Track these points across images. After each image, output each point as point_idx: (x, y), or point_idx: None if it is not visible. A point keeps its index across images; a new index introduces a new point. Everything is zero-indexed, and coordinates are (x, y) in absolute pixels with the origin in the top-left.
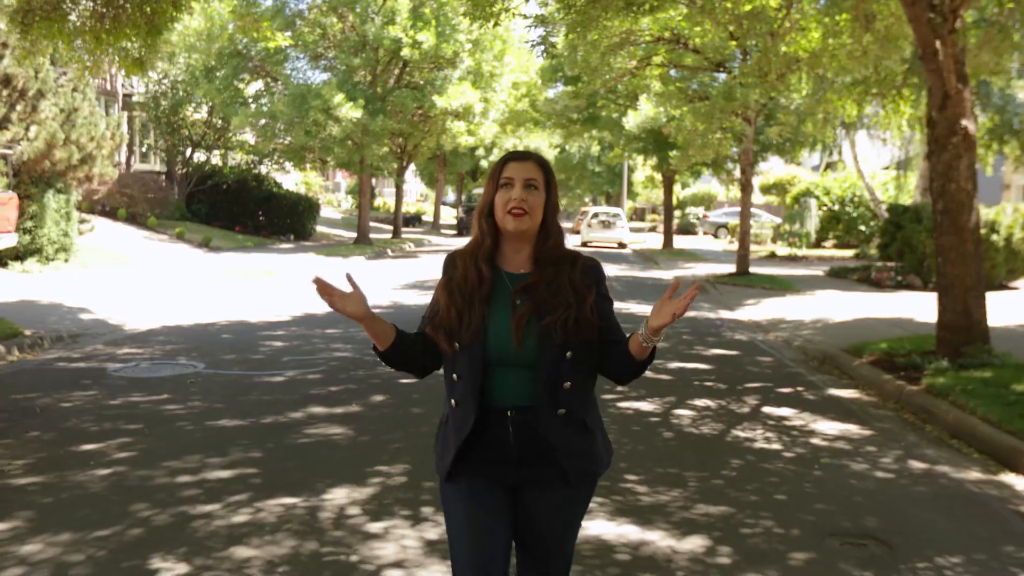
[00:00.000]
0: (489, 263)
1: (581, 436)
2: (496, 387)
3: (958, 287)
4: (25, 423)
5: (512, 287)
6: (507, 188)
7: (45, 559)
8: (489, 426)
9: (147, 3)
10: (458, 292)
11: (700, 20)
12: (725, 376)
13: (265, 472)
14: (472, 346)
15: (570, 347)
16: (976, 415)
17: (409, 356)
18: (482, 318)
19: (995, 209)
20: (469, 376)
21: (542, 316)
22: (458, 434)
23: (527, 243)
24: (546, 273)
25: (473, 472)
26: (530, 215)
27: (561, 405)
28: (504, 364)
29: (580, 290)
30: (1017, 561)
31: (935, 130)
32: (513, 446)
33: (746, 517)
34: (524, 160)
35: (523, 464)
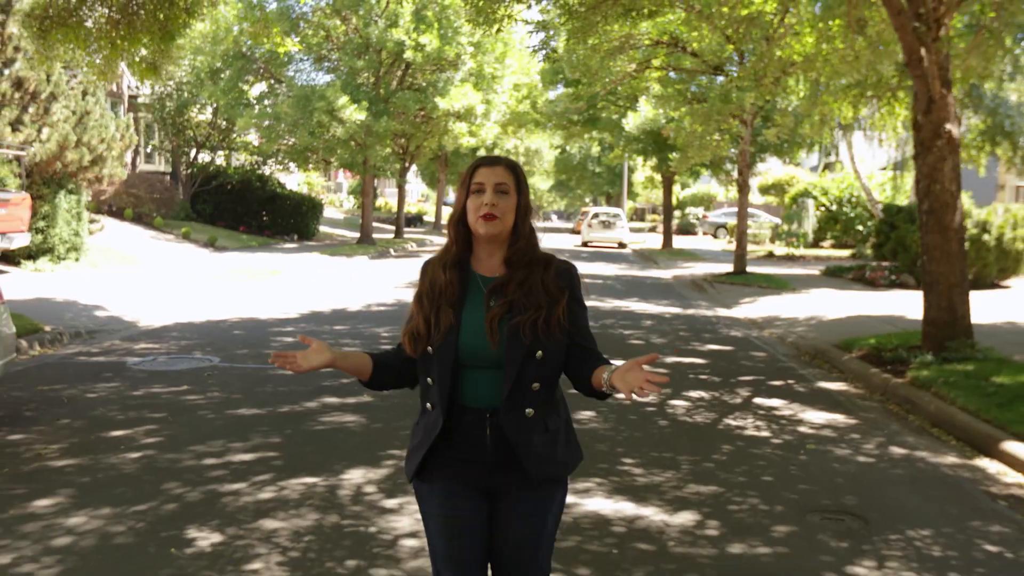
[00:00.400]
0: (459, 267)
1: (544, 438)
2: (471, 389)
3: (943, 284)
4: (54, 412)
5: (484, 288)
6: (478, 194)
7: (90, 530)
8: (465, 427)
9: (161, 10)
10: (427, 299)
11: (698, 25)
12: (719, 369)
13: (285, 455)
14: (443, 349)
15: (539, 347)
16: (956, 405)
17: (394, 375)
18: (452, 321)
19: (986, 209)
20: (442, 379)
21: (513, 315)
22: (427, 435)
23: (499, 247)
24: (518, 274)
25: (450, 474)
26: (501, 219)
27: (529, 405)
28: (478, 366)
29: (552, 292)
30: (981, 534)
31: (920, 133)
32: (489, 448)
33: (734, 495)
34: (494, 165)
35: (498, 468)
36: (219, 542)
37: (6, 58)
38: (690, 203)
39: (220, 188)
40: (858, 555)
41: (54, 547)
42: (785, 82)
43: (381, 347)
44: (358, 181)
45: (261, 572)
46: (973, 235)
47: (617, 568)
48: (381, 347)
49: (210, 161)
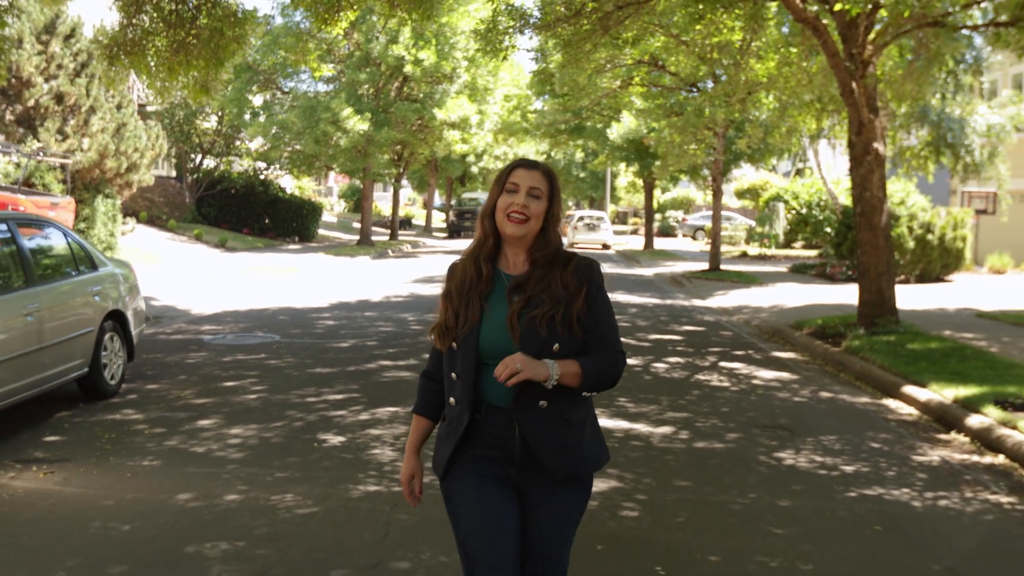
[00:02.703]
0: (490, 262)
1: (563, 431)
2: (495, 385)
3: (872, 272)
4: (170, 371)
5: (508, 284)
6: (511, 193)
7: (249, 435)
8: (491, 425)
9: (213, 39)
10: (456, 293)
11: (675, 48)
12: (693, 343)
13: (366, 396)
14: (467, 343)
15: (556, 341)
16: (874, 364)
17: (442, 405)
18: (477, 315)
19: (930, 213)
20: (466, 374)
21: (530, 310)
22: (453, 431)
23: (525, 248)
24: (538, 272)
25: (479, 470)
26: (529, 221)
27: (543, 397)
28: (499, 360)
29: (570, 287)
30: (870, 438)
31: (854, 150)
32: (517, 445)
33: (699, 419)
34: (532, 169)
35: (526, 465)
36: (344, 441)
37: (48, 75)
38: (670, 207)
39: (224, 192)
40: (783, 449)
41: (231, 444)
42: (755, 97)
43: (410, 329)
44: (348, 185)
45: (379, 455)
46: (919, 235)
47: (618, 455)
48: (410, 329)
49: (215, 167)
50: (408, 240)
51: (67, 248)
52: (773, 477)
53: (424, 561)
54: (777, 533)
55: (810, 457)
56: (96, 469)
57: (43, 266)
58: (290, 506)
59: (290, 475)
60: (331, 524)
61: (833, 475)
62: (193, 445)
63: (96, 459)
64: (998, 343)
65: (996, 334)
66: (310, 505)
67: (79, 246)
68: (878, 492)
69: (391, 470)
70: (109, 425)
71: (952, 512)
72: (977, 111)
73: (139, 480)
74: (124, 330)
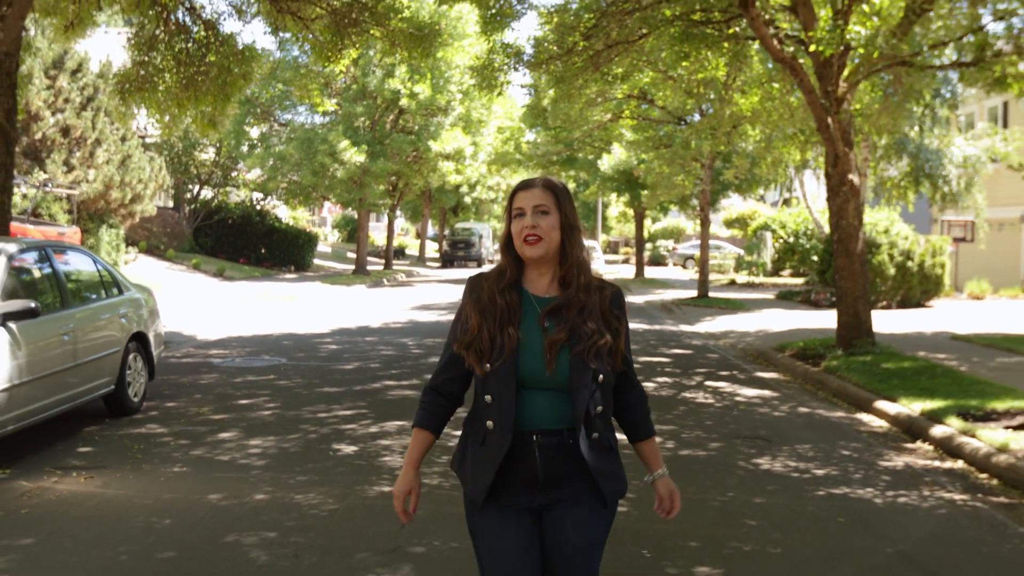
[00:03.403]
0: (516, 289)
1: (609, 458)
2: (523, 410)
3: (850, 296)
4: (185, 390)
5: (540, 309)
6: (519, 217)
7: (268, 446)
8: (515, 450)
9: (221, 76)
10: (489, 315)
11: (663, 84)
12: (681, 364)
13: (374, 412)
14: (505, 369)
15: (602, 372)
16: (850, 382)
17: (445, 419)
18: (515, 343)
19: (910, 240)
20: (504, 398)
21: (574, 342)
22: (494, 457)
23: (549, 266)
24: (575, 298)
25: (501, 498)
26: (545, 239)
27: (595, 429)
28: (533, 387)
29: (610, 319)
30: (842, 447)
31: (831, 181)
32: (540, 470)
33: (684, 431)
34: (530, 188)
35: (548, 486)
36: (356, 450)
37: (56, 108)
38: (661, 236)
39: (221, 222)
40: (760, 456)
41: (252, 453)
42: (742, 129)
43: (411, 353)
44: (342, 216)
45: (389, 462)
46: (899, 262)
47: None
48: (411, 353)
49: (213, 197)
50: (402, 269)
51: (96, 273)
52: (750, 479)
53: (437, 547)
54: (751, 524)
55: (784, 462)
56: (131, 475)
57: (75, 289)
58: (313, 503)
59: (310, 479)
60: (352, 518)
61: (804, 477)
62: (217, 454)
63: (130, 466)
64: (968, 363)
65: (967, 355)
66: (331, 503)
67: (106, 271)
68: (844, 491)
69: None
70: (136, 438)
71: (909, 507)
72: (954, 143)
73: (172, 483)
74: (146, 351)
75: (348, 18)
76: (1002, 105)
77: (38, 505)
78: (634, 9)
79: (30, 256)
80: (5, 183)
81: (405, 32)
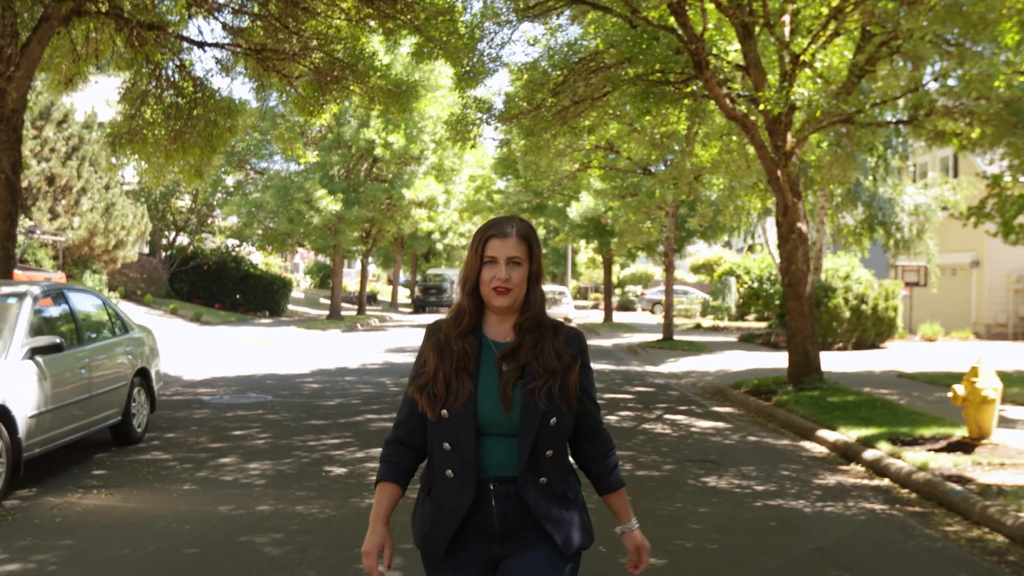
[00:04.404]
0: (475, 335)
1: (563, 505)
2: (481, 457)
3: (799, 336)
4: (181, 424)
5: (496, 353)
6: (491, 265)
7: (266, 468)
8: (480, 498)
9: (208, 128)
10: (447, 358)
11: (628, 136)
12: (643, 400)
13: (359, 441)
14: (462, 415)
15: (554, 414)
16: (797, 414)
17: (411, 472)
18: (471, 389)
19: (864, 285)
20: (464, 445)
21: (526, 380)
22: (456, 507)
23: (511, 314)
24: (528, 339)
25: (457, 551)
26: (514, 291)
27: (543, 474)
28: (491, 433)
29: (564, 359)
30: (783, 468)
31: (780, 229)
32: (496, 520)
33: (642, 455)
34: (506, 237)
35: (506, 539)
36: (346, 472)
37: (41, 157)
38: (629, 281)
39: (197, 268)
40: (708, 476)
41: (252, 474)
42: (705, 178)
43: (390, 391)
44: (314, 262)
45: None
46: (854, 306)
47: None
48: (390, 391)
49: (189, 243)
50: (375, 315)
51: (105, 313)
52: (697, 493)
53: None
54: (694, 528)
55: (729, 481)
56: (147, 492)
57: (88, 327)
58: (313, 512)
59: (307, 494)
60: (349, 523)
61: (745, 492)
62: (221, 475)
63: (143, 485)
64: (908, 397)
65: (908, 390)
66: (329, 511)
67: (114, 311)
68: (779, 503)
69: None
70: (144, 463)
71: (834, 515)
72: (906, 191)
73: (184, 499)
74: (148, 385)
75: (330, 75)
76: (952, 156)
77: (69, 516)
78: (599, 68)
79: (50, 297)
80: (10, 231)
81: (383, 89)
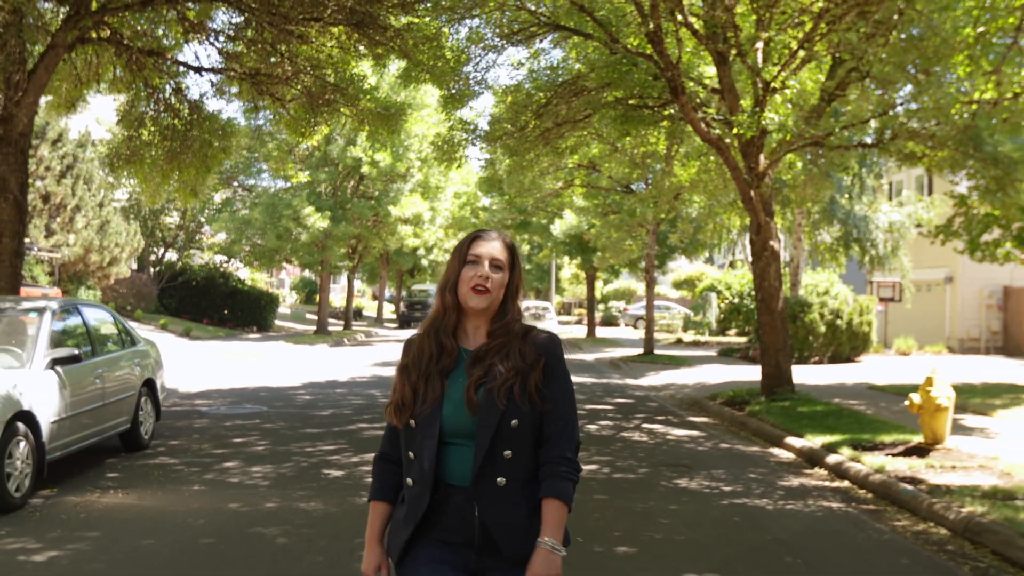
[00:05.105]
0: (451, 336)
1: (521, 512)
2: (456, 465)
3: (772, 349)
4: (184, 433)
5: (467, 360)
6: (473, 265)
7: (268, 471)
8: (451, 507)
9: (203, 149)
10: (414, 369)
11: (610, 156)
12: (622, 411)
13: (353, 447)
14: (428, 421)
15: (515, 415)
16: (768, 423)
17: (400, 488)
18: (439, 392)
19: (839, 300)
20: (424, 453)
21: (488, 380)
22: (412, 514)
23: (485, 322)
24: (496, 343)
25: (436, 558)
26: (492, 293)
27: (501, 474)
28: (460, 438)
29: (528, 358)
30: (751, 471)
31: (754, 247)
32: (477, 529)
33: (619, 460)
34: (492, 240)
35: (486, 550)
36: (344, 474)
37: (36, 176)
38: (613, 297)
39: (186, 284)
40: (680, 478)
41: (255, 476)
42: (686, 196)
43: (379, 402)
44: (300, 278)
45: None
46: (829, 320)
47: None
48: (379, 402)
49: (177, 259)
50: (361, 330)
51: (115, 326)
52: (668, 493)
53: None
54: (664, 522)
55: (700, 482)
56: (159, 492)
57: (100, 340)
58: (316, 509)
59: (309, 493)
60: (349, 517)
61: (714, 492)
62: (227, 477)
63: (156, 486)
64: (874, 407)
65: (876, 401)
66: (330, 508)
67: (122, 325)
68: (744, 501)
69: None
70: (153, 467)
71: (793, 512)
72: (880, 209)
73: (196, 497)
74: (154, 395)
75: (321, 98)
76: (927, 174)
77: (91, 512)
78: (580, 91)
79: (66, 311)
80: (18, 248)
81: (373, 111)
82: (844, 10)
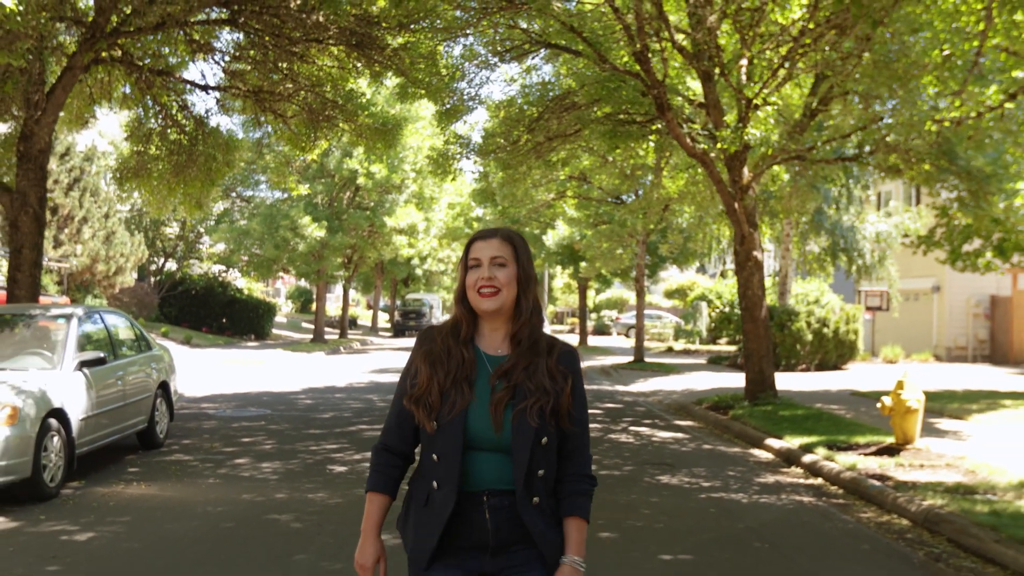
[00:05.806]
0: (469, 345)
1: (550, 525)
2: (472, 471)
3: (755, 356)
4: (195, 433)
5: (491, 369)
6: (475, 268)
7: (277, 467)
8: (465, 511)
9: (208, 163)
10: (441, 368)
11: (600, 168)
12: (611, 415)
13: (355, 446)
14: (452, 427)
15: (545, 434)
16: (750, 426)
17: (399, 480)
18: (466, 402)
19: (826, 309)
20: (450, 458)
21: (517, 400)
22: (438, 518)
23: (503, 322)
24: (523, 357)
25: (449, 562)
26: (502, 292)
27: (535, 493)
28: (481, 448)
29: (557, 378)
30: (731, 469)
31: (738, 258)
32: (490, 532)
33: (605, 459)
34: (489, 238)
35: (500, 550)
36: (347, 470)
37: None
38: (605, 306)
39: (186, 293)
40: (663, 475)
41: (265, 471)
42: (676, 206)
43: (378, 406)
44: (295, 287)
45: None
46: (816, 329)
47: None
48: (378, 406)
49: (177, 269)
50: (357, 338)
51: (132, 331)
52: (650, 488)
53: None
54: (645, 513)
55: (681, 479)
56: (178, 484)
57: (120, 344)
58: (324, 499)
59: (316, 486)
60: (356, 506)
61: (693, 487)
62: (239, 472)
63: (174, 479)
64: (854, 411)
65: (856, 406)
66: (338, 498)
67: (139, 331)
68: (721, 495)
69: None
70: (170, 463)
71: (767, 504)
72: (867, 220)
73: (212, 489)
74: (168, 397)
75: (321, 114)
76: (914, 185)
77: (119, 500)
78: (571, 106)
79: (90, 317)
80: (37, 259)
81: (371, 127)
82: (823, 30)
